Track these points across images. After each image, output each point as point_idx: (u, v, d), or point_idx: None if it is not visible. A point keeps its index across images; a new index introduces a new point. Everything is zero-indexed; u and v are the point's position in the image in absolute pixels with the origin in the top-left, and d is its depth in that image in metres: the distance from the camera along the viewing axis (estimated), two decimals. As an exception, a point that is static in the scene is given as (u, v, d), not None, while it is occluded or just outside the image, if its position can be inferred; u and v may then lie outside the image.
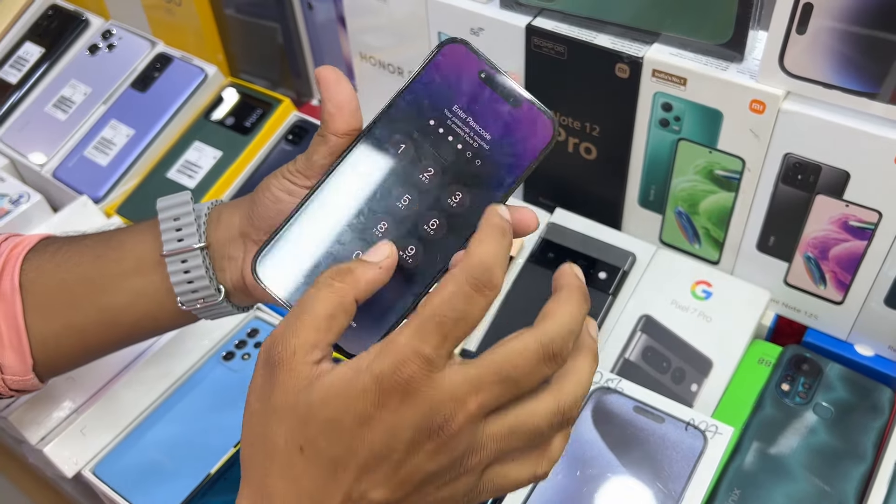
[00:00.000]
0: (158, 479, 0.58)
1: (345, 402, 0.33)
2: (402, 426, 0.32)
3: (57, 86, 0.87)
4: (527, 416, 0.35)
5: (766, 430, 0.57)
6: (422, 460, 0.33)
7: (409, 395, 0.32)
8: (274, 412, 0.34)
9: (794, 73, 0.52)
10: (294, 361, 0.34)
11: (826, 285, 0.61)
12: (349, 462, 0.33)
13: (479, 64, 0.40)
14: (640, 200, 0.67)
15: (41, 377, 0.52)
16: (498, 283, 0.34)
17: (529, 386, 0.34)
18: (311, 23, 0.84)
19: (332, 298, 0.35)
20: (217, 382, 0.63)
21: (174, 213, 0.48)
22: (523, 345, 0.34)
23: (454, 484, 0.35)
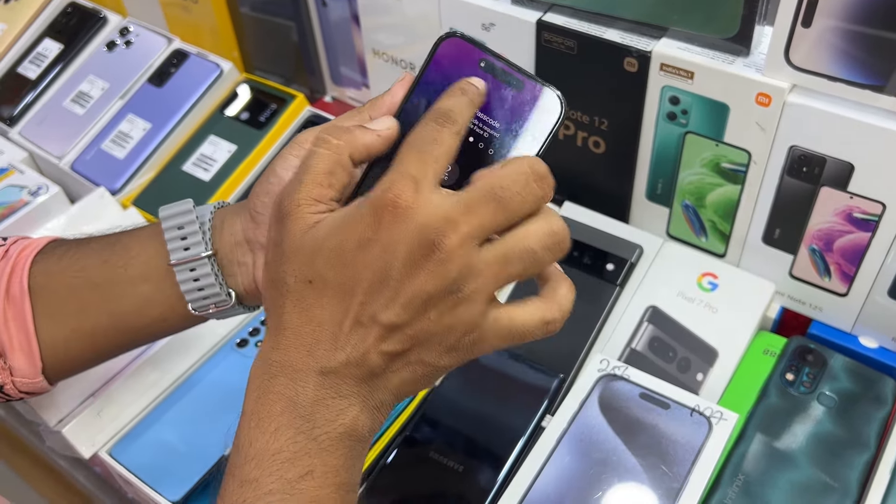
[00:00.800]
0: (174, 461, 0.59)
1: (345, 230, 0.36)
2: (397, 241, 0.35)
3: (75, 81, 0.89)
4: (518, 238, 0.37)
5: (771, 419, 0.58)
6: (421, 280, 0.35)
7: (400, 210, 0.35)
8: (283, 255, 0.37)
9: (799, 67, 0.53)
10: (299, 212, 0.37)
11: (831, 277, 0.62)
12: (355, 287, 0.35)
13: (478, 53, 0.40)
14: (647, 194, 0.68)
15: (50, 380, 0.52)
16: (457, 117, 0.38)
17: (520, 208, 0.36)
18: (325, 20, 0.86)
19: (331, 156, 0.38)
20: (231, 368, 0.64)
21: (177, 221, 0.47)
22: (513, 167, 0.37)
23: (455, 312, 0.36)
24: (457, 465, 0.56)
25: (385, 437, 0.59)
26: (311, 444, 0.36)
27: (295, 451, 0.36)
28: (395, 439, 0.59)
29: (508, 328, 0.38)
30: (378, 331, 0.36)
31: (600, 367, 0.57)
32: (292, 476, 0.36)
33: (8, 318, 0.50)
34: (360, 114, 0.44)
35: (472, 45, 0.41)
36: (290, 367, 0.37)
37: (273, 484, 0.36)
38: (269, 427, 0.36)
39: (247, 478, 0.36)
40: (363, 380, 0.37)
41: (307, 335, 0.37)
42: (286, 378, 0.37)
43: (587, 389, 0.56)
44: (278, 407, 0.37)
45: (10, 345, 0.50)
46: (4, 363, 0.50)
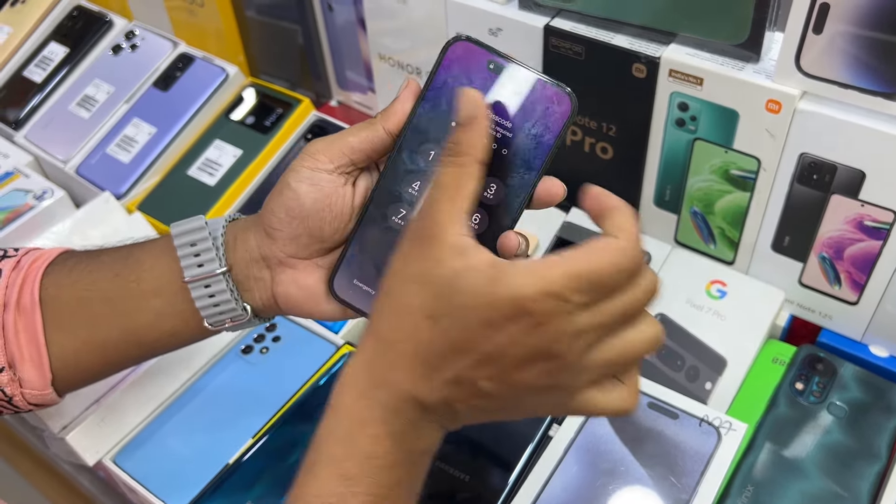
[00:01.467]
0: (177, 468, 0.59)
1: (477, 301, 0.36)
2: (523, 343, 0.35)
3: (81, 85, 0.89)
4: (628, 345, 0.37)
5: (780, 429, 0.57)
6: (532, 376, 0.36)
7: (540, 324, 0.35)
8: (415, 276, 0.38)
9: (810, 73, 0.53)
10: (442, 234, 0.37)
11: (841, 285, 0.61)
12: (467, 350, 0.36)
13: (487, 55, 0.41)
14: (655, 200, 0.67)
15: (59, 392, 0.52)
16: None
17: (635, 320, 0.37)
18: (330, 24, 0.85)
19: (456, 172, 0.39)
20: (236, 375, 0.64)
21: (190, 238, 0.47)
22: (641, 289, 0.37)
23: (551, 397, 0.38)
24: (463, 474, 0.56)
25: (391, 446, 0.58)
26: (404, 456, 0.39)
27: (391, 460, 0.39)
28: (400, 448, 0.58)
29: (588, 410, 0.39)
30: (474, 392, 0.38)
31: (608, 376, 0.57)
32: (387, 482, 0.39)
33: (18, 330, 0.49)
34: (372, 125, 0.44)
35: (481, 48, 0.41)
36: (395, 385, 0.38)
37: (371, 486, 0.38)
38: (370, 431, 0.38)
39: (347, 473, 0.38)
40: (448, 416, 0.39)
41: (414, 363, 0.38)
42: (389, 393, 0.38)
43: (595, 398, 0.56)
44: (378, 414, 0.38)
45: (21, 356, 0.50)
46: (14, 375, 0.50)
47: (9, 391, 0.50)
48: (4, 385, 0.50)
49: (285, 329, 0.67)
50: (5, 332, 0.49)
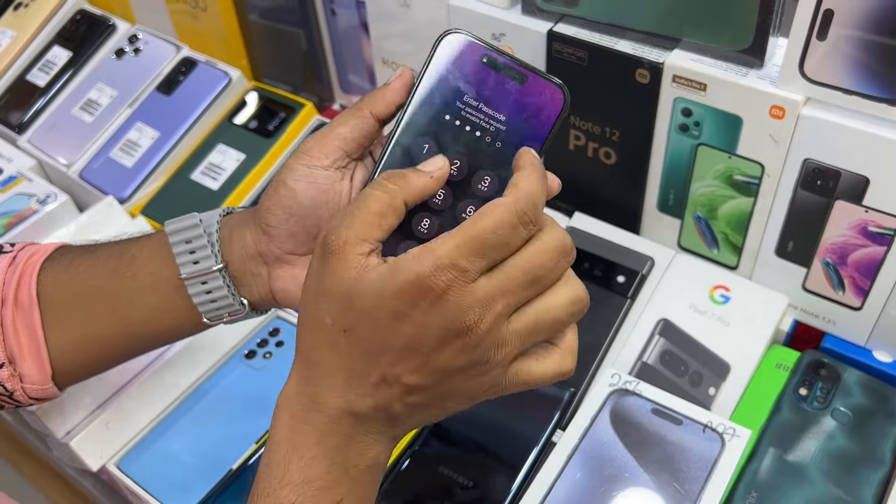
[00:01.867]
0: (181, 474, 0.59)
1: (381, 299, 0.36)
2: (432, 325, 0.36)
3: (84, 89, 0.89)
4: (546, 309, 0.38)
5: (784, 434, 0.57)
6: (450, 356, 0.37)
7: (442, 300, 0.36)
8: (324, 293, 0.38)
9: (814, 79, 0.53)
10: (345, 251, 0.37)
11: (845, 291, 0.61)
12: (383, 351, 0.37)
13: (480, 49, 0.41)
14: (658, 205, 0.67)
15: (60, 386, 0.52)
16: (540, 219, 0.38)
17: (551, 283, 0.38)
18: (334, 29, 0.85)
19: (384, 198, 0.38)
20: (239, 380, 0.64)
21: (185, 236, 0.47)
22: (543, 245, 0.37)
23: (481, 377, 0.38)
24: (467, 480, 0.56)
25: (394, 453, 0.58)
26: (343, 475, 0.39)
27: (329, 480, 0.38)
28: (403, 454, 0.58)
29: (526, 381, 0.40)
30: (403, 388, 0.38)
31: (612, 382, 0.57)
32: (327, 503, 0.38)
33: (17, 326, 0.50)
34: (359, 113, 0.44)
35: (474, 41, 0.41)
36: (325, 404, 0.39)
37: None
38: (305, 455, 0.38)
39: (283, 501, 0.38)
40: (387, 421, 0.39)
41: (339, 377, 0.38)
42: (320, 413, 0.39)
43: (598, 404, 0.56)
44: (313, 438, 0.38)
45: (20, 352, 0.50)
46: (14, 370, 0.50)
47: (9, 386, 0.50)
48: (5, 380, 0.50)
49: (288, 334, 0.67)
50: (4, 328, 0.50)
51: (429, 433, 0.59)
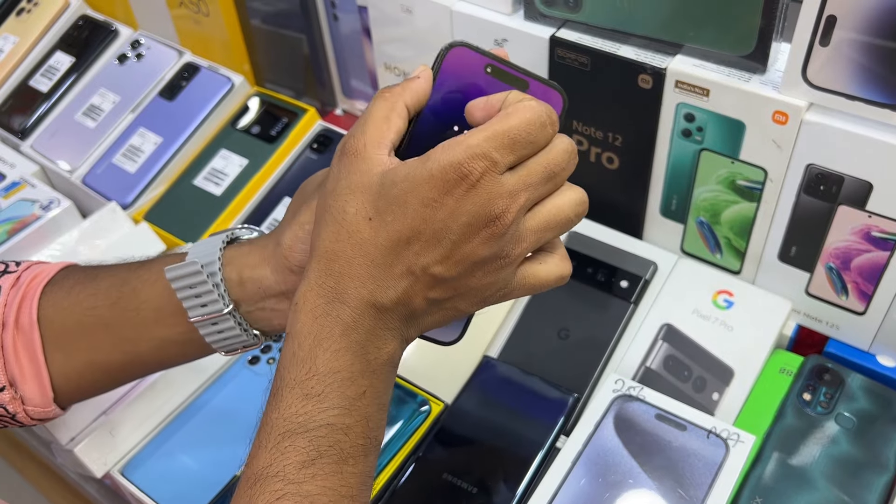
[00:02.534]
0: (185, 480, 0.59)
1: (413, 184, 0.37)
2: (461, 211, 0.37)
3: (86, 94, 0.89)
4: (559, 208, 0.41)
5: (788, 440, 0.57)
6: (476, 245, 0.38)
7: (473, 187, 0.37)
8: (347, 188, 0.39)
9: (817, 85, 0.53)
10: (366, 151, 0.39)
11: (848, 296, 0.61)
12: (412, 237, 0.38)
13: (483, 59, 0.41)
14: (661, 210, 0.67)
15: (62, 406, 0.52)
16: (556, 125, 0.40)
17: (563, 181, 0.41)
18: (336, 34, 0.85)
19: (386, 104, 0.40)
20: (243, 386, 0.64)
21: (188, 282, 0.46)
22: (560, 146, 0.40)
23: (498, 272, 0.40)
24: (470, 486, 0.56)
25: (398, 458, 0.58)
26: (365, 367, 0.39)
27: (353, 371, 0.39)
28: (408, 460, 0.58)
29: (533, 284, 0.42)
30: (427, 280, 0.39)
31: (615, 388, 0.57)
32: (352, 394, 0.39)
33: (18, 349, 0.50)
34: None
35: (477, 53, 0.41)
36: (347, 295, 0.39)
37: (335, 399, 0.38)
38: (330, 347, 0.39)
39: (310, 392, 0.38)
40: (405, 318, 0.40)
41: (361, 268, 0.39)
42: (343, 305, 0.39)
43: (602, 410, 0.56)
44: (338, 330, 0.39)
45: (21, 375, 0.50)
46: (15, 393, 0.50)
47: (11, 409, 0.50)
48: (6, 403, 0.50)
49: (292, 340, 0.67)
50: (4, 351, 0.49)
51: (432, 439, 0.59)
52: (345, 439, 0.39)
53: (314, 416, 0.38)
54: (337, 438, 0.38)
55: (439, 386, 0.62)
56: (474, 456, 0.58)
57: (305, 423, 0.38)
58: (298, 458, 0.38)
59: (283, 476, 0.37)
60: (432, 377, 0.63)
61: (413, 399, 0.61)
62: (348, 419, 0.39)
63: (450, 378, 0.63)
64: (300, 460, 0.38)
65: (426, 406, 0.61)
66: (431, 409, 0.61)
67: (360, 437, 0.39)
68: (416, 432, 0.59)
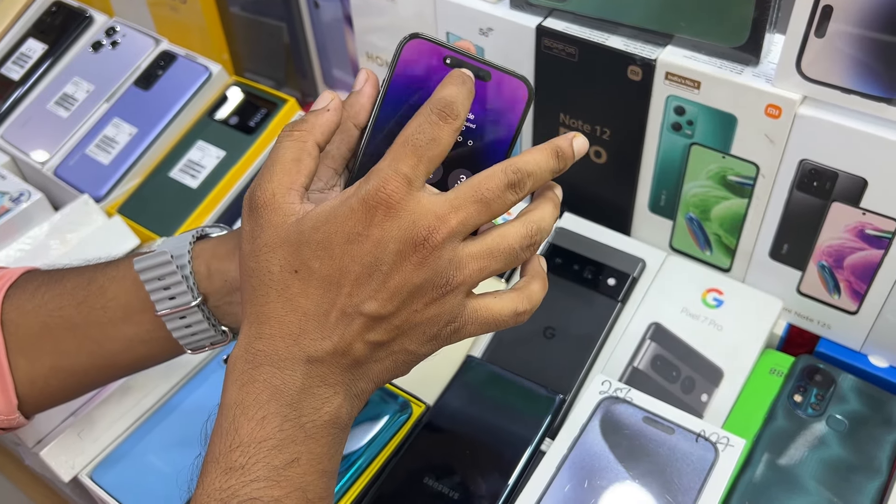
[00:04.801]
0: (156, 483, 0.57)
1: (334, 224, 0.36)
2: (388, 238, 0.36)
3: (59, 83, 0.86)
4: (501, 237, 0.39)
5: (779, 442, 0.56)
6: (408, 272, 0.36)
7: (392, 209, 0.36)
8: (265, 246, 0.37)
9: (811, 77, 0.51)
10: (275, 202, 0.37)
11: (840, 294, 0.59)
12: (341, 278, 0.36)
13: (442, 51, 0.41)
14: (650, 206, 0.65)
15: (27, 415, 0.50)
16: (460, 112, 0.38)
17: (497, 210, 0.39)
18: (317, 22, 0.83)
19: (294, 146, 0.39)
20: (217, 386, 0.61)
21: (156, 273, 0.45)
22: (492, 172, 0.38)
23: (440, 303, 0.38)
24: (452, 491, 0.54)
25: (377, 462, 0.56)
26: (298, 432, 0.37)
27: (282, 438, 0.37)
28: (387, 464, 0.56)
29: (485, 318, 0.40)
30: (364, 321, 0.37)
31: (602, 389, 0.55)
32: (279, 463, 0.36)
33: None
34: (344, 128, 0.43)
35: (435, 44, 0.41)
36: (276, 356, 0.37)
37: (260, 471, 0.36)
38: (255, 415, 0.37)
39: (233, 465, 0.36)
40: (347, 368, 0.38)
41: (292, 324, 0.37)
42: (272, 367, 0.37)
43: (588, 413, 0.54)
44: (265, 395, 0.37)
45: None
46: None
47: None
48: None
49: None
50: None
51: (412, 442, 0.57)
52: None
53: (237, 490, 0.36)
54: None
55: (420, 387, 0.60)
56: (456, 460, 0.56)
57: (227, 499, 0.36)
58: None
59: None
60: (413, 378, 0.60)
61: (394, 400, 0.59)
62: (276, 491, 0.36)
63: (432, 379, 0.61)
64: None
65: (407, 408, 0.59)
66: (412, 411, 0.59)
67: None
68: (397, 435, 0.58)
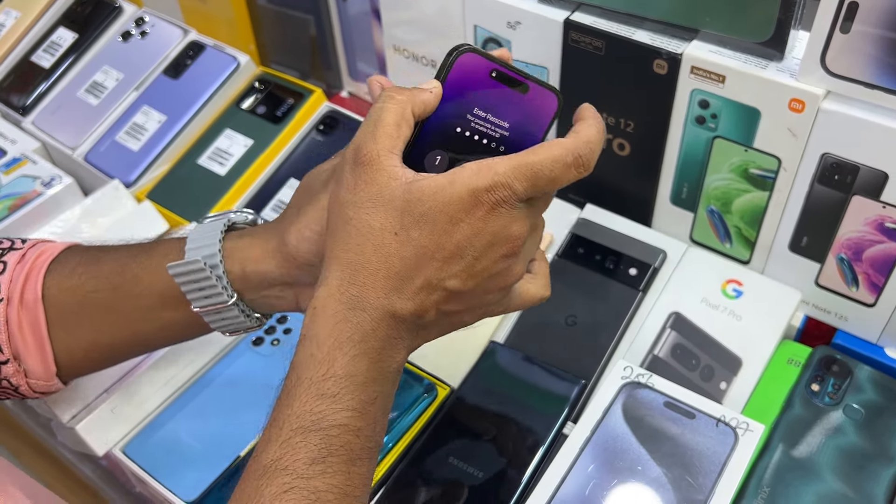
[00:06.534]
0: (187, 460, 0.58)
1: (440, 203, 0.39)
2: (484, 232, 0.40)
3: (89, 71, 0.88)
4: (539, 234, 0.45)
5: (796, 430, 0.57)
6: (492, 262, 0.41)
7: (495, 212, 0.40)
8: (370, 200, 0.40)
9: (835, 73, 0.52)
10: (381, 162, 0.40)
11: (858, 287, 0.61)
12: (435, 252, 0.40)
13: (489, 64, 0.43)
14: (672, 198, 0.67)
15: (65, 381, 0.53)
16: (591, 165, 0.42)
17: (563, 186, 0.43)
18: (344, 15, 0.85)
19: (396, 109, 0.41)
20: (247, 367, 0.63)
21: (191, 277, 0.47)
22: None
23: (506, 289, 0.43)
24: (476, 471, 0.55)
25: (403, 441, 0.58)
26: (379, 374, 0.41)
27: (368, 377, 0.40)
28: (413, 444, 0.58)
29: (525, 300, 0.46)
30: (444, 294, 0.41)
31: (624, 375, 0.57)
32: (365, 398, 0.40)
33: (23, 324, 0.50)
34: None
35: (484, 58, 0.43)
36: (369, 304, 0.40)
37: (349, 402, 0.39)
38: (350, 351, 0.40)
39: (326, 392, 0.39)
40: (418, 328, 0.42)
41: (384, 279, 0.40)
42: (364, 313, 0.40)
43: (610, 397, 0.55)
44: (357, 336, 0.40)
45: (25, 349, 0.50)
46: (19, 366, 0.50)
47: (14, 381, 0.51)
48: (10, 376, 0.50)
49: (296, 321, 0.66)
50: (9, 325, 0.50)
51: (438, 423, 0.59)
52: (355, 441, 0.39)
53: (328, 415, 0.39)
54: (348, 439, 0.39)
55: (445, 370, 0.62)
56: (480, 441, 0.58)
57: (319, 421, 0.39)
58: (309, 455, 0.38)
59: (292, 470, 0.38)
60: (438, 361, 0.62)
61: (419, 383, 0.60)
62: (360, 422, 0.40)
63: (456, 362, 0.62)
64: (310, 457, 0.38)
65: (433, 390, 0.60)
66: (438, 394, 0.60)
67: (369, 440, 0.40)
68: (422, 416, 0.59)
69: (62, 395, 0.61)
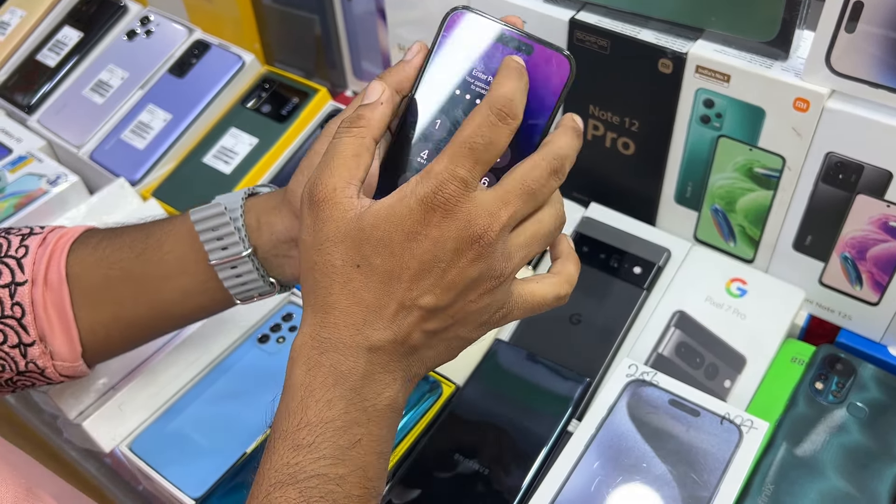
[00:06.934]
0: (194, 457, 0.59)
1: (394, 223, 0.38)
2: (446, 237, 0.38)
3: (95, 70, 0.88)
4: (540, 223, 0.41)
5: (800, 428, 0.57)
6: (464, 267, 0.38)
7: (450, 211, 0.38)
8: (327, 240, 0.39)
9: (839, 72, 0.53)
10: (335, 197, 0.39)
11: (862, 286, 0.61)
12: (401, 273, 0.38)
13: (486, 23, 0.41)
14: (676, 197, 0.67)
15: (89, 363, 0.54)
16: (518, 112, 0.39)
17: (542, 199, 0.41)
18: (349, 14, 0.85)
19: (354, 142, 0.40)
20: (252, 364, 0.64)
21: (211, 224, 0.49)
22: (535, 163, 0.40)
23: (492, 293, 0.40)
24: (482, 467, 0.56)
25: (409, 439, 0.58)
26: (361, 415, 0.39)
27: (347, 420, 0.39)
28: (418, 441, 0.58)
29: (530, 302, 0.43)
30: (421, 313, 0.39)
31: (629, 373, 0.57)
32: (344, 443, 0.38)
33: (47, 305, 0.51)
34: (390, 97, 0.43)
35: (480, 16, 0.41)
36: (342, 343, 0.39)
37: (326, 449, 0.38)
38: (322, 397, 0.39)
39: (301, 443, 0.38)
40: (405, 355, 0.40)
41: (355, 315, 0.39)
42: (337, 354, 0.39)
43: (615, 395, 0.56)
44: (331, 380, 0.39)
45: (51, 330, 0.51)
46: (45, 348, 0.51)
47: (41, 363, 0.51)
48: (37, 358, 0.51)
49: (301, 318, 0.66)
50: (35, 307, 0.51)
51: (443, 420, 0.59)
52: (337, 490, 0.38)
53: (304, 466, 0.38)
54: (329, 489, 0.38)
55: (450, 368, 0.62)
56: (485, 438, 0.58)
57: (295, 474, 0.38)
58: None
59: None
60: (443, 359, 0.62)
61: (424, 380, 0.61)
62: (341, 469, 0.38)
63: (461, 361, 0.62)
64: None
65: (438, 388, 0.60)
66: (442, 391, 0.60)
67: (356, 487, 0.39)
68: (427, 414, 0.59)
69: (69, 391, 0.62)
